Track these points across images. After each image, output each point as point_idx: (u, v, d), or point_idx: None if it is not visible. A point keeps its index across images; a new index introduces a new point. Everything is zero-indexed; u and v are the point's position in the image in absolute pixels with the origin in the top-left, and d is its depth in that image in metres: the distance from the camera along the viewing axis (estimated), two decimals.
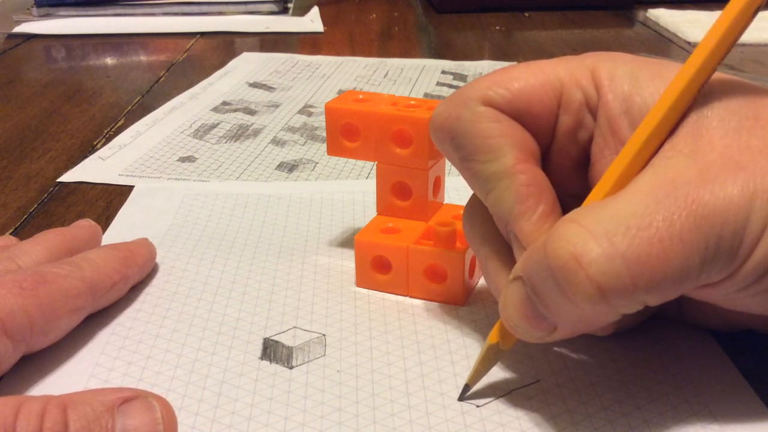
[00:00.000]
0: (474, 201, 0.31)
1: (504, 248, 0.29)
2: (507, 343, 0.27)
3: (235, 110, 0.61)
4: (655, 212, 0.23)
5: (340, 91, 0.65)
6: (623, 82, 0.27)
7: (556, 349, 0.31)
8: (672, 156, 0.24)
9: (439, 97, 0.63)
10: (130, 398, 0.24)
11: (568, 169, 0.29)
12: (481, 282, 0.35)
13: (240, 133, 0.56)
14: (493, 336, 0.28)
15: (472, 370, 0.28)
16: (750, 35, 0.25)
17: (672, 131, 0.25)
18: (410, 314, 0.33)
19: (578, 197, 0.27)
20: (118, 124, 0.58)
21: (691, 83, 0.25)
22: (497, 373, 0.29)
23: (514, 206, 0.27)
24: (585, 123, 0.28)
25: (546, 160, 0.29)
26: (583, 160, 0.29)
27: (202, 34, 0.87)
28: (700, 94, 0.25)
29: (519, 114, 0.28)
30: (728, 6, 0.25)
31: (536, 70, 0.28)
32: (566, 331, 0.25)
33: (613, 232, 0.23)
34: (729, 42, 0.25)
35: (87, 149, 0.53)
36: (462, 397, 0.28)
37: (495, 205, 0.28)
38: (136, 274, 0.34)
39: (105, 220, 0.42)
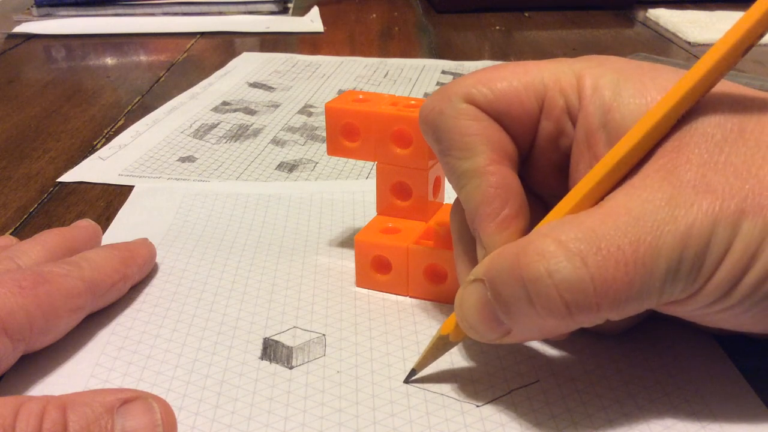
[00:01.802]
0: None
1: (475, 247, 0.29)
2: (457, 336, 0.28)
3: (235, 110, 0.61)
4: (623, 235, 0.23)
5: (340, 91, 0.65)
6: (606, 93, 0.26)
7: (556, 349, 0.31)
8: (648, 176, 0.24)
9: None
10: (129, 399, 0.24)
11: (551, 171, 0.29)
12: None
13: (240, 133, 0.55)
14: (446, 328, 0.28)
15: (420, 357, 0.29)
16: None
17: (658, 143, 0.25)
18: (410, 314, 0.33)
19: (560, 198, 0.27)
20: (118, 124, 0.58)
21: (674, 109, 0.25)
22: (497, 373, 0.29)
23: (480, 206, 0.27)
24: (566, 130, 0.28)
25: (529, 162, 0.29)
26: (564, 165, 0.29)
27: (202, 34, 0.87)
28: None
29: (499, 115, 0.28)
30: (722, 37, 0.24)
31: (522, 72, 0.28)
32: (519, 336, 0.26)
33: (586, 253, 0.23)
34: (719, 72, 0.25)
35: (87, 149, 0.53)
36: (407, 380, 0.29)
37: (465, 202, 0.28)
38: (136, 274, 0.34)
39: (105, 220, 0.42)
